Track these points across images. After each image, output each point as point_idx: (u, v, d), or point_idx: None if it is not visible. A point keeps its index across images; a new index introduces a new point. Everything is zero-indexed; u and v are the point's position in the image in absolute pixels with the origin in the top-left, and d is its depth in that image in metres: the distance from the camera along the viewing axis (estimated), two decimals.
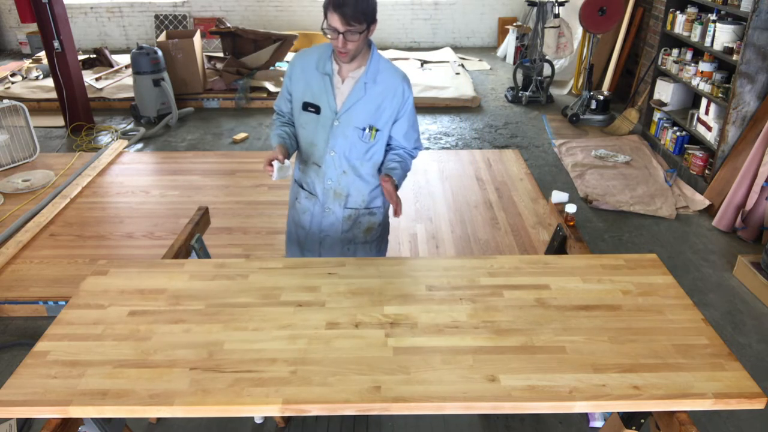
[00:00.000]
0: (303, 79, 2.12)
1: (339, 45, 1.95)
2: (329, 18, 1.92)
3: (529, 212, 3.91)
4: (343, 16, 1.89)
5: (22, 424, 2.32)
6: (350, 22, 1.90)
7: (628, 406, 1.41)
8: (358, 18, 1.91)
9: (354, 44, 1.96)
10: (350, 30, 1.91)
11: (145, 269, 1.91)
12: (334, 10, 1.89)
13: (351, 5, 1.89)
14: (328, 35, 1.96)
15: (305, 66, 2.12)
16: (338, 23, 1.90)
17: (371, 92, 2.09)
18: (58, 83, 5.20)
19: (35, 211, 3.81)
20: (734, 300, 3.09)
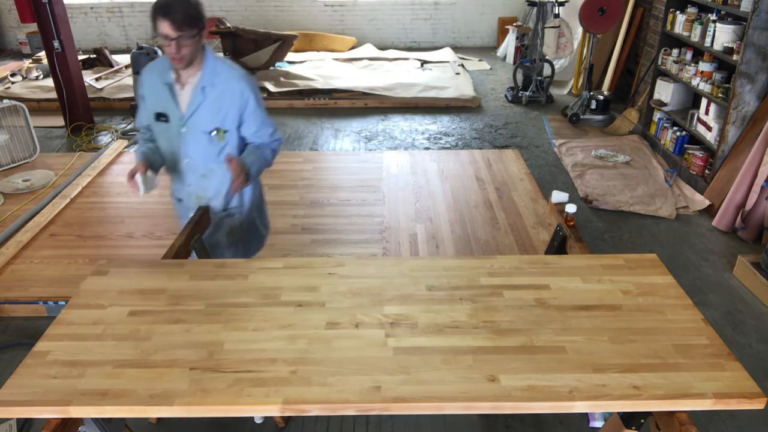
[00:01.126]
0: (152, 92, 2.20)
1: (173, 51, 2.00)
2: (159, 26, 1.97)
3: (529, 212, 3.91)
4: (173, 22, 1.94)
5: (22, 424, 2.32)
6: (181, 28, 1.95)
7: (628, 406, 1.41)
8: (189, 23, 1.97)
9: (188, 49, 2.01)
10: (182, 35, 1.96)
11: (145, 269, 1.91)
12: (163, 17, 1.95)
13: (180, 11, 1.95)
14: (161, 43, 2.01)
15: (151, 79, 2.19)
16: (169, 30, 1.95)
17: (211, 95, 2.15)
18: (58, 83, 5.20)
19: (35, 211, 3.81)
20: (734, 300, 3.09)
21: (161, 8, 1.95)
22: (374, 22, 8.61)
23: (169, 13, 1.93)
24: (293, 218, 3.82)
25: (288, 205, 3.98)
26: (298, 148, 5.10)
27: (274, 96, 6.12)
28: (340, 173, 4.54)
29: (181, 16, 1.94)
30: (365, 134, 5.42)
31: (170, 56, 2.03)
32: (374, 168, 4.61)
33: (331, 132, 5.47)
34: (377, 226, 3.74)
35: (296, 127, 5.59)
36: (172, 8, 1.94)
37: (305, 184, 4.30)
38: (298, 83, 6.31)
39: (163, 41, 1.98)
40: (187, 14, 1.96)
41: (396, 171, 4.56)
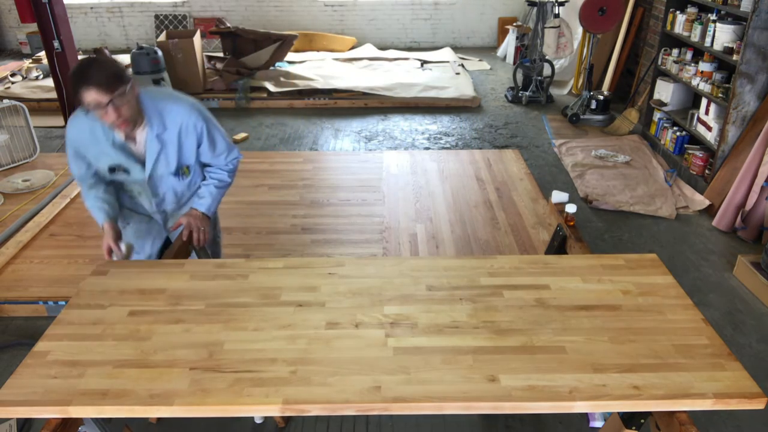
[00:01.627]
0: (93, 149, 2.07)
1: (113, 118, 1.86)
2: (86, 97, 1.82)
3: (529, 212, 3.91)
4: (99, 86, 1.80)
5: (22, 424, 2.32)
6: (109, 90, 1.81)
7: (628, 406, 1.41)
8: (114, 82, 1.82)
9: (127, 108, 1.89)
10: (114, 98, 1.82)
11: (145, 269, 1.91)
12: (87, 87, 1.81)
13: (100, 74, 1.81)
14: (96, 114, 1.88)
15: (87, 139, 2.05)
16: (98, 96, 1.81)
17: (167, 139, 2.08)
18: (58, 83, 5.20)
19: (35, 211, 3.81)
20: (734, 300, 3.09)
21: (80, 79, 1.80)
22: (374, 22, 8.61)
23: (89, 80, 1.79)
24: (293, 218, 3.82)
25: (288, 205, 3.98)
26: (298, 148, 5.10)
27: (274, 96, 6.12)
28: (340, 173, 4.54)
29: (103, 78, 1.81)
30: (365, 134, 5.42)
31: (113, 124, 1.90)
32: (374, 168, 4.61)
33: (331, 132, 5.47)
34: (377, 226, 3.74)
35: (296, 127, 5.59)
36: (90, 75, 1.80)
37: (305, 184, 4.31)
38: (298, 83, 6.31)
39: (98, 110, 1.85)
40: (109, 74, 1.82)
41: (396, 171, 4.56)
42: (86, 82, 1.80)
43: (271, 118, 5.81)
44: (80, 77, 1.81)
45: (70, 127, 2.07)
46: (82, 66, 1.83)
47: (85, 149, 2.08)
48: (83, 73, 1.81)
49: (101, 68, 1.82)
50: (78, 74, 1.82)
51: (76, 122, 2.05)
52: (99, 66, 1.83)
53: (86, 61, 1.85)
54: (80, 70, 1.82)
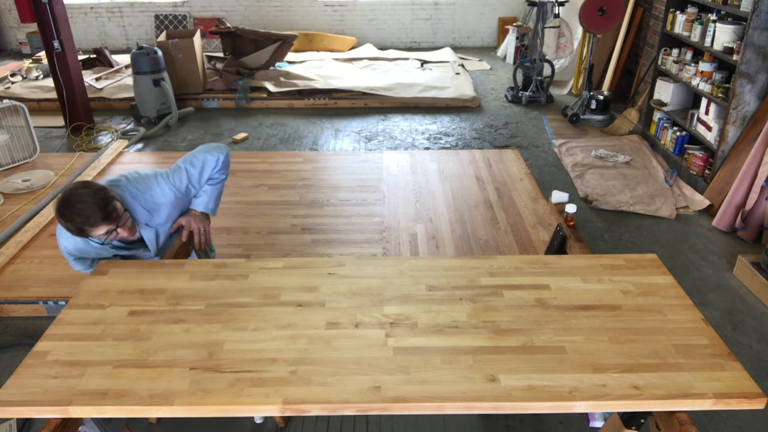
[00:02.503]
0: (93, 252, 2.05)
1: (125, 235, 1.91)
2: (95, 232, 1.83)
3: (529, 212, 3.91)
4: (105, 220, 1.81)
5: (22, 424, 2.32)
6: (114, 217, 1.84)
7: (628, 406, 1.41)
8: (110, 206, 1.83)
9: (126, 217, 1.90)
10: (117, 224, 1.86)
11: (145, 269, 1.91)
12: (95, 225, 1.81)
13: (96, 208, 1.79)
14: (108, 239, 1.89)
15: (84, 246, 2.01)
16: (108, 226, 1.83)
17: (156, 221, 2.08)
18: (58, 83, 5.20)
19: (35, 211, 3.81)
20: (734, 300, 3.09)
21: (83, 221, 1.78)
22: (374, 22, 8.61)
23: (92, 218, 1.79)
24: (293, 218, 3.82)
25: (288, 205, 3.98)
26: (298, 148, 5.10)
27: (274, 96, 6.12)
28: (340, 173, 4.54)
29: (102, 211, 1.80)
30: (365, 134, 5.42)
31: (123, 238, 1.94)
32: (374, 168, 4.61)
33: (331, 132, 5.47)
34: (377, 226, 3.74)
35: (296, 127, 5.59)
36: (90, 213, 1.78)
37: (305, 184, 4.31)
38: (298, 83, 6.31)
39: (108, 237, 1.88)
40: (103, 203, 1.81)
41: (396, 171, 4.56)
42: (90, 222, 1.79)
43: (271, 118, 5.81)
44: (79, 218, 1.78)
45: (63, 239, 2.01)
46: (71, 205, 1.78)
47: (85, 253, 2.05)
48: (81, 213, 1.78)
49: (92, 200, 1.79)
50: (74, 215, 1.78)
51: (69, 236, 1.97)
52: (88, 199, 1.79)
53: (71, 199, 1.79)
54: (74, 211, 1.78)
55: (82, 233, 1.83)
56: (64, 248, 2.02)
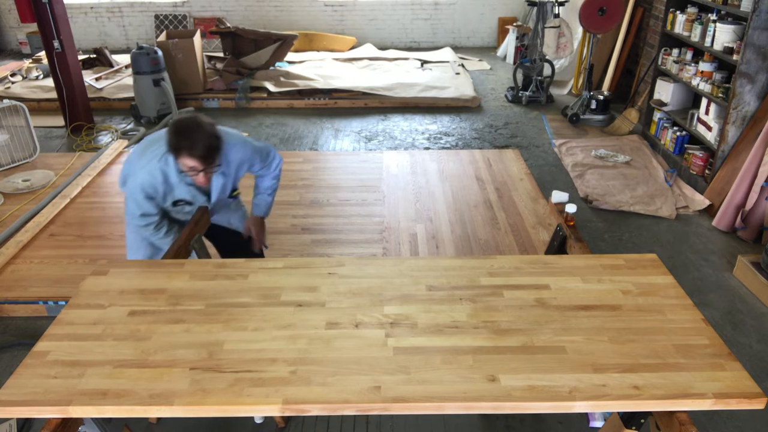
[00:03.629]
0: (162, 190, 2.18)
1: (201, 182, 2.05)
2: (184, 160, 1.96)
3: (529, 212, 3.91)
4: (202, 159, 1.95)
5: (22, 424, 2.32)
6: (209, 162, 1.99)
7: (628, 406, 1.41)
8: (214, 154, 1.98)
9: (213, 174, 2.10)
10: (210, 167, 2.01)
11: (145, 269, 1.91)
12: (191, 155, 1.94)
13: (205, 145, 1.93)
14: (187, 174, 2.03)
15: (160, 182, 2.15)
16: (197, 165, 1.97)
17: (228, 172, 2.27)
18: (58, 83, 5.20)
19: (35, 211, 3.81)
20: (734, 300, 3.09)
21: (186, 144, 1.92)
22: (374, 22, 8.61)
23: (194, 149, 1.93)
24: (293, 218, 3.82)
25: (288, 205, 3.98)
26: (298, 148, 5.10)
27: (274, 96, 6.12)
28: (340, 173, 4.54)
29: (207, 151, 1.95)
30: (365, 134, 5.42)
31: (197, 183, 2.07)
32: (374, 168, 4.61)
33: (331, 132, 5.47)
34: (377, 226, 3.74)
35: (296, 127, 5.59)
36: (196, 144, 1.93)
37: (305, 184, 4.31)
38: (298, 83, 6.31)
39: (190, 172, 2.01)
40: (212, 147, 1.96)
41: (396, 171, 4.56)
42: (190, 151, 1.93)
43: (271, 118, 5.81)
44: (186, 141, 1.92)
45: (142, 172, 2.12)
46: (189, 129, 1.93)
47: (155, 191, 2.17)
48: (190, 138, 1.92)
49: (206, 138, 1.94)
50: (184, 137, 1.92)
51: (150, 168, 2.11)
52: (204, 135, 1.94)
53: (193, 125, 1.94)
54: (188, 134, 1.92)
55: (177, 152, 1.95)
56: (139, 183, 2.12)
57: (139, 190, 2.13)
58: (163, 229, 2.30)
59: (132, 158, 2.21)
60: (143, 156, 2.13)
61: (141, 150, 2.16)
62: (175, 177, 2.14)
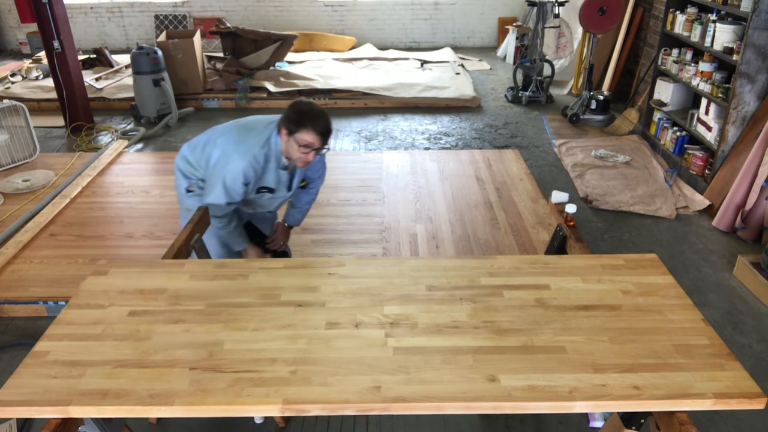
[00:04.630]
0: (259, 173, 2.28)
1: (310, 160, 2.19)
2: (305, 135, 2.10)
3: (529, 212, 3.91)
4: (322, 135, 2.12)
5: (22, 424, 2.32)
6: (325, 140, 2.16)
7: (628, 406, 1.41)
8: (329, 136, 2.17)
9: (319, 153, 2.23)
10: (322, 146, 2.16)
11: (145, 269, 1.91)
12: (316, 131, 2.09)
13: (328, 126, 2.14)
14: (296, 148, 2.15)
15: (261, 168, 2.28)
16: (315, 141, 2.12)
17: (312, 164, 2.44)
18: (58, 83, 5.20)
19: (35, 211, 3.81)
20: (734, 300, 3.09)
21: (313, 121, 2.09)
22: (374, 22, 8.61)
23: (320, 126, 2.10)
24: None
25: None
26: None
27: (274, 96, 6.12)
28: (340, 173, 4.54)
29: (329, 131, 2.13)
30: (365, 134, 5.42)
31: (301, 160, 2.19)
32: (374, 168, 4.61)
33: None
34: (377, 226, 3.74)
35: None
36: (323, 123, 2.10)
37: None
38: (298, 83, 6.31)
39: (302, 148, 2.13)
40: (331, 129, 2.16)
41: (396, 171, 4.56)
42: (314, 126, 2.10)
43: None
44: (311, 118, 2.10)
45: (247, 156, 2.21)
46: (312, 109, 2.12)
47: (254, 176, 2.26)
48: (318, 117, 2.11)
49: (326, 119, 2.14)
50: (309, 114, 2.10)
51: (255, 153, 2.23)
52: (325, 116, 2.14)
53: (315, 106, 2.14)
54: (311, 113, 2.11)
55: (300, 127, 2.10)
56: (241, 170, 2.20)
57: (241, 175, 2.21)
58: (234, 222, 2.40)
59: (227, 149, 2.26)
60: (243, 143, 2.23)
61: (236, 139, 2.26)
62: (272, 162, 2.26)
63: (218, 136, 2.35)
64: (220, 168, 2.25)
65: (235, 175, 2.21)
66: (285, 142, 2.18)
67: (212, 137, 2.39)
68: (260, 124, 2.30)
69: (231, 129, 2.34)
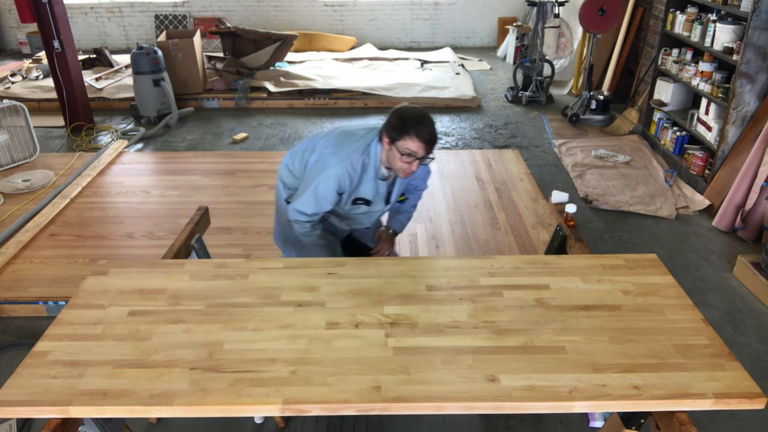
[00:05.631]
0: (354, 183, 2.15)
1: (413, 169, 2.01)
2: (408, 142, 1.94)
3: (529, 212, 3.91)
4: (426, 144, 1.95)
5: (22, 424, 2.32)
6: (429, 149, 1.97)
7: (628, 406, 1.41)
8: (433, 146, 1.98)
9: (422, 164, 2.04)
10: (426, 155, 1.98)
11: (145, 269, 1.91)
12: (420, 139, 1.93)
13: (434, 134, 1.96)
14: (398, 157, 1.99)
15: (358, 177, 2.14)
16: (421, 149, 1.95)
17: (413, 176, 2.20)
18: (58, 83, 5.20)
19: (35, 211, 3.81)
20: (734, 300, 3.09)
21: (418, 128, 1.92)
22: (374, 22, 8.61)
23: (425, 134, 1.93)
24: None
25: None
26: None
27: (274, 96, 6.12)
28: None
29: (434, 140, 1.96)
30: None
31: (403, 171, 2.02)
32: None
33: None
34: None
35: (296, 127, 5.59)
36: (428, 131, 1.93)
37: None
38: (298, 83, 6.31)
39: (404, 157, 1.97)
40: (435, 137, 1.98)
41: None
42: (419, 134, 1.93)
43: (271, 118, 5.81)
44: (416, 125, 1.93)
45: (344, 164, 2.08)
46: (418, 115, 1.96)
47: (348, 185, 2.13)
48: (422, 123, 1.94)
49: (432, 127, 1.97)
50: (414, 121, 1.94)
51: (353, 160, 2.09)
52: (431, 123, 1.97)
53: (421, 112, 1.98)
54: (417, 119, 1.95)
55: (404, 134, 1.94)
56: (336, 177, 2.08)
57: (335, 182, 2.09)
58: (317, 231, 2.28)
59: (325, 154, 2.15)
60: (342, 149, 2.11)
61: (335, 145, 2.14)
62: (371, 171, 2.12)
63: (318, 142, 2.25)
64: (315, 173, 2.13)
65: (329, 181, 2.09)
66: (386, 151, 2.04)
67: (312, 143, 2.28)
68: (361, 131, 2.18)
69: (331, 135, 2.24)
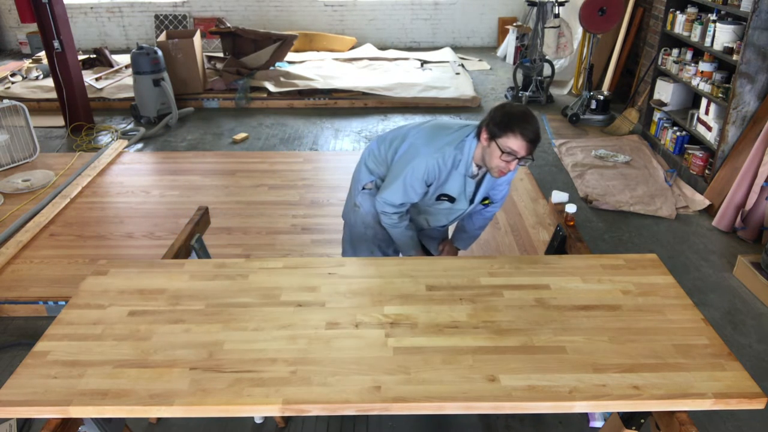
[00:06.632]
0: (443, 177, 2.10)
1: (511, 168, 1.95)
2: (510, 140, 1.87)
3: (529, 212, 3.90)
4: (529, 143, 1.88)
5: (22, 424, 2.32)
6: (531, 149, 1.90)
7: (628, 406, 1.41)
8: (535, 146, 1.91)
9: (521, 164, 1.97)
10: (528, 155, 1.91)
11: (145, 269, 1.91)
12: (524, 139, 1.86)
13: (538, 135, 1.89)
14: (501, 155, 1.91)
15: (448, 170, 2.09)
16: (523, 149, 1.88)
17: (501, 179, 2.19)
18: (58, 83, 5.20)
19: (35, 211, 3.81)
20: (734, 300, 3.09)
21: (524, 125, 1.85)
22: (374, 22, 8.61)
23: (530, 134, 1.86)
24: (293, 218, 3.82)
25: (288, 205, 3.98)
26: (298, 148, 5.10)
27: (274, 96, 6.12)
28: (340, 173, 4.53)
29: (537, 141, 1.89)
30: (365, 134, 5.42)
31: (498, 169, 1.95)
32: None
33: (331, 132, 5.47)
34: None
35: (296, 127, 5.59)
36: (534, 130, 1.86)
37: (305, 184, 4.30)
38: (298, 83, 6.31)
39: (504, 155, 1.90)
40: (539, 138, 1.91)
41: None
42: (523, 132, 1.85)
43: (271, 118, 5.81)
44: (521, 123, 1.86)
45: (436, 155, 2.04)
46: (524, 113, 1.89)
47: (436, 177, 2.09)
48: (526, 121, 1.87)
49: (537, 126, 1.89)
50: (520, 118, 1.87)
51: (444, 152, 2.05)
52: (536, 123, 1.90)
53: (527, 111, 1.91)
54: (523, 117, 1.87)
55: (507, 131, 1.87)
56: (424, 168, 2.04)
57: (424, 172, 2.05)
58: (405, 221, 2.24)
59: (417, 143, 2.11)
60: (435, 141, 2.07)
61: (428, 135, 2.10)
62: (461, 167, 2.06)
63: (409, 131, 2.21)
64: (405, 162, 2.09)
65: (418, 171, 2.05)
66: (483, 148, 1.97)
67: (403, 131, 2.24)
68: (456, 125, 2.14)
69: (425, 126, 2.20)
